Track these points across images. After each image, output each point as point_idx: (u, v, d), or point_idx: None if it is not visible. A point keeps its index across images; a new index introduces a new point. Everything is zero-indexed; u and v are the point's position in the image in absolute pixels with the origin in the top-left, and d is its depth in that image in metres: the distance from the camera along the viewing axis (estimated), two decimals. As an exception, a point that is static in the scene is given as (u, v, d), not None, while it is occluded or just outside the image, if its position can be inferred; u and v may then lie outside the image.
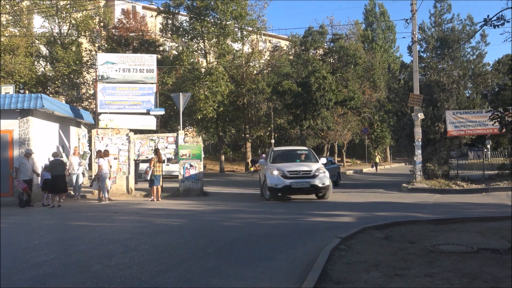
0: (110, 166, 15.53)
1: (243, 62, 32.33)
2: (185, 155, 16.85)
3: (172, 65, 30.22)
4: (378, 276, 5.12)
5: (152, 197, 15.16)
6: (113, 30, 32.41)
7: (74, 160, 15.44)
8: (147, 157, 17.23)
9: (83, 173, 16.11)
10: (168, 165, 25.61)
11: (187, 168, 16.76)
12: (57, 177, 13.79)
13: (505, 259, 5.77)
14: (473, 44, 38.02)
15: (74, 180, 15.39)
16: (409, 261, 5.74)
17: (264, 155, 27.51)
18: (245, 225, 9.63)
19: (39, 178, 14.28)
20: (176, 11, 31.44)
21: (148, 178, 15.37)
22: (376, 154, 37.60)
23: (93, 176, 15.86)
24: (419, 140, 18.19)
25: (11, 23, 29.60)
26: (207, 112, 28.46)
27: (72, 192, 15.69)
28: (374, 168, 35.19)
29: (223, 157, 34.36)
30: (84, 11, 31.08)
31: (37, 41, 30.77)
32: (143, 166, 22.13)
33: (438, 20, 37.72)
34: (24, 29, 30.23)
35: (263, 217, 10.80)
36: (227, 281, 5.27)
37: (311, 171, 13.87)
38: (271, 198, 14.21)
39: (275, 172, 13.84)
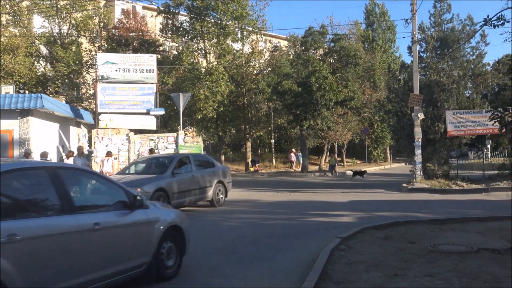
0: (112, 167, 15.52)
1: (243, 62, 32.30)
2: (185, 155, 16.84)
3: (172, 65, 30.21)
4: (378, 276, 5.13)
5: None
6: (113, 30, 32.41)
7: (79, 161, 14.89)
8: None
9: None
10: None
11: (187, 168, 16.75)
12: None
13: (505, 259, 5.77)
14: (473, 44, 38.01)
15: None
16: (409, 261, 5.75)
17: (292, 154, 25.95)
18: (245, 225, 9.64)
19: None
20: (176, 11, 31.41)
21: None
22: (332, 155, 30.83)
23: None
24: (419, 140, 18.17)
25: (11, 23, 29.60)
26: (207, 112, 28.43)
27: None
28: (331, 172, 28.03)
29: (223, 157, 34.32)
30: (84, 11, 31.09)
31: (37, 41, 30.77)
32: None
33: (438, 20, 37.73)
34: (24, 29, 30.24)
35: (263, 217, 10.80)
36: (227, 281, 5.27)
37: None
38: None
39: None
